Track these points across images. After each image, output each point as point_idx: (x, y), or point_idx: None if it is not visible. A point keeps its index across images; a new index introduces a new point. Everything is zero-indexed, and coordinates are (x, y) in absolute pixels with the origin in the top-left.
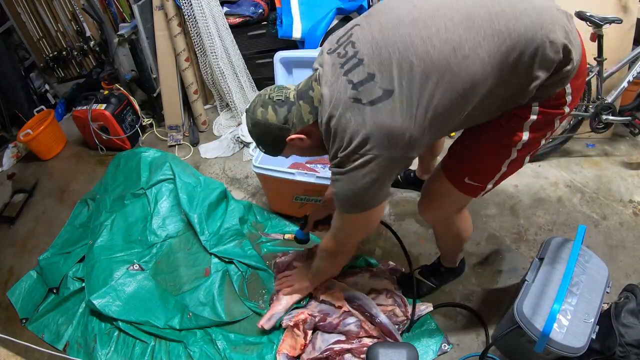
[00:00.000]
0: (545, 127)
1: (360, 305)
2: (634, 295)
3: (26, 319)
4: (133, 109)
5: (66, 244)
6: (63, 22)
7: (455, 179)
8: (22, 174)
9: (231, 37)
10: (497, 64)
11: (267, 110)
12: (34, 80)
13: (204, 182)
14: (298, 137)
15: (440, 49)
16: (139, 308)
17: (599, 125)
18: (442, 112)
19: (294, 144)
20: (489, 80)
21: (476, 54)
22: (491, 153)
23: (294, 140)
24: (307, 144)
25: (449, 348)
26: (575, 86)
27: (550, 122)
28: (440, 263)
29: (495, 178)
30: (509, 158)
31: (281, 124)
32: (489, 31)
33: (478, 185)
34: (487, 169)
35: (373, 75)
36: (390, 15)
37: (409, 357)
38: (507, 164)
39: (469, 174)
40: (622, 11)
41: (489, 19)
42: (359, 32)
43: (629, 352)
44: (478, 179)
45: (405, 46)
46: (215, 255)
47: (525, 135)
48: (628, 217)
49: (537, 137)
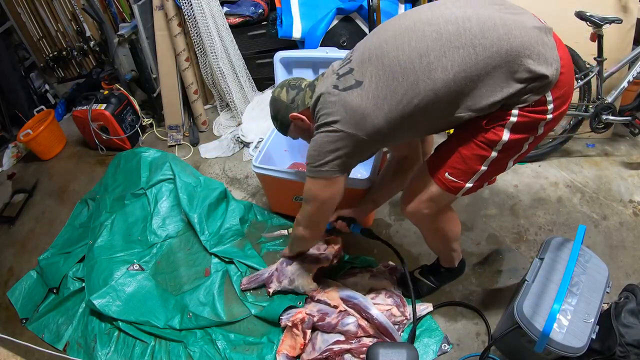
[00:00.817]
0: (527, 130)
1: (357, 305)
2: (634, 295)
3: (26, 319)
4: (133, 109)
5: (66, 244)
6: (63, 22)
7: (436, 173)
8: (22, 174)
9: (231, 37)
10: (459, 73)
11: (282, 90)
12: (34, 80)
13: (204, 182)
14: (299, 116)
15: (409, 54)
16: (139, 308)
17: (599, 125)
18: (407, 111)
19: (296, 123)
20: (452, 88)
21: (440, 62)
22: (470, 149)
23: (296, 119)
24: (307, 125)
25: (449, 348)
26: (558, 95)
27: (532, 126)
28: (440, 263)
29: (475, 177)
30: (489, 157)
31: (289, 103)
32: (455, 43)
33: (458, 182)
34: (465, 165)
35: (352, 69)
36: (382, 30)
37: (409, 357)
38: (487, 163)
39: (448, 169)
40: (622, 11)
41: (456, 33)
42: (360, 44)
43: (629, 352)
44: (457, 175)
45: (382, 51)
46: (215, 255)
47: (506, 135)
48: (628, 217)
49: (518, 139)
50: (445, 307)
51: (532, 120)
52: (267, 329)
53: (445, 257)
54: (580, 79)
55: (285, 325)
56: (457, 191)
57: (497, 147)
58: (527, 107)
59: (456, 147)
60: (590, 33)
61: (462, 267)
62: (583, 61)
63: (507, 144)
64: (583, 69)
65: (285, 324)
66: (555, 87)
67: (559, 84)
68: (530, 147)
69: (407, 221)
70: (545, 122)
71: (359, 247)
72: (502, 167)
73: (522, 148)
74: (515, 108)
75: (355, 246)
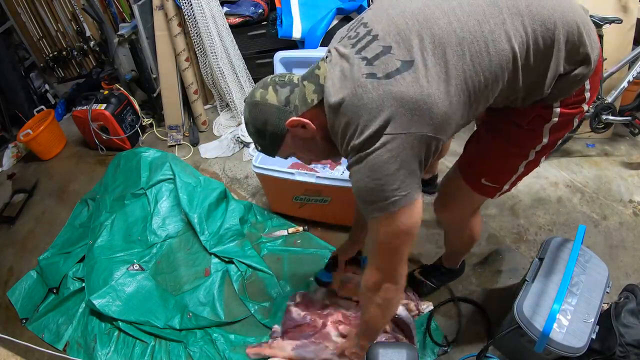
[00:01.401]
0: (564, 128)
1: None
2: (634, 295)
3: (26, 319)
4: (133, 109)
5: (66, 244)
6: (63, 22)
7: (472, 179)
8: (22, 174)
9: (231, 37)
10: (522, 44)
11: (267, 91)
12: (34, 80)
13: (204, 182)
14: (300, 121)
15: (465, 21)
16: (139, 308)
17: (599, 125)
18: (472, 88)
19: (296, 134)
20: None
21: (501, 29)
22: (508, 154)
23: (295, 128)
24: (311, 134)
25: (449, 348)
26: (594, 83)
27: (569, 122)
28: (442, 263)
29: (512, 179)
30: (527, 159)
31: (282, 106)
32: (513, 10)
33: (495, 186)
34: (504, 170)
35: (390, 47)
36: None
37: (409, 357)
38: (524, 165)
39: (485, 175)
40: (622, 11)
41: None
42: (370, 15)
43: (629, 352)
44: (495, 180)
45: (425, 17)
46: (215, 255)
47: (546, 139)
48: (628, 217)
49: (556, 138)
50: (445, 307)
51: (570, 116)
52: (267, 329)
53: (456, 258)
54: None
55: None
56: (494, 194)
57: (536, 149)
58: (567, 101)
59: (492, 152)
60: None
61: (462, 268)
62: None
63: (546, 145)
64: None
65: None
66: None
67: (596, 69)
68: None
69: None
70: (580, 114)
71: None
72: (536, 164)
73: (555, 145)
74: (557, 105)
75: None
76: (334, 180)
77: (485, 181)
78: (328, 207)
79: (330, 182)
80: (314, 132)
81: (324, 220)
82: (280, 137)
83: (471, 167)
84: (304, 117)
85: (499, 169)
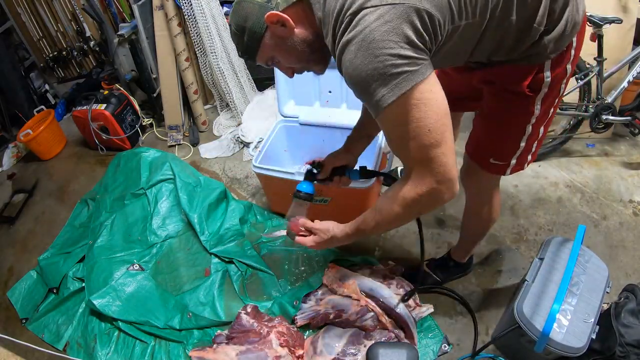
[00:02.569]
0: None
1: (376, 297)
2: (634, 295)
3: (26, 319)
4: (133, 109)
5: (66, 244)
6: (63, 22)
7: (481, 161)
8: (22, 174)
9: None
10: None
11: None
12: (34, 80)
13: (204, 182)
14: (279, 16)
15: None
16: (138, 308)
17: (599, 125)
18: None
19: (275, 32)
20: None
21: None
22: (508, 131)
23: (274, 25)
24: (290, 32)
25: (449, 348)
26: (579, 41)
27: (556, 87)
28: (450, 257)
29: (517, 154)
30: (525, 134)
31: (264, 2)
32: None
33: (502, 163)
34: (506, 147)
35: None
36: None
37: (409, 357)
38: (524, 140)
39: (492, 155)
40: (622, 11)
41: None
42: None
43: (629, 352)
44: (500, 158)
45: None
46: (215, 255)
47: (537, 110)
48: (628, 217)
49: (547, 107)
50: (445, 307)
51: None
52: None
53: (465, 246)
54: (580, 79)
55: (300, 324)
56: (504, 171)
57: (531, 122)
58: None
59: (492, 132)
60: (590, 33)
61: (469, 265)
62: (583, 61)
63: (539, 116)
64: (583, 69)
65: (300, 323)
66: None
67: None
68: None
69: None
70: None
71: (360, 248)
72: (536, 135)
73: (549, 114)
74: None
75: (356, 247)
76: None
77: (493, 160)
78: (328, 207)
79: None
80: (293, 30)
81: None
82: (260, 34)
83: (477, 150)
84: (285, 14)
85: (501, 147)
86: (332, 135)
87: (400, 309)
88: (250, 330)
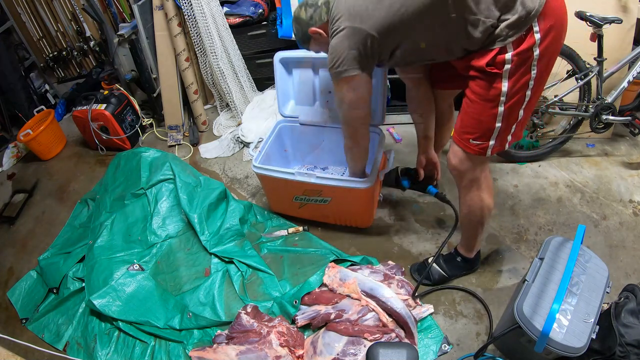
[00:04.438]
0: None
1: (376, 297)
2: (634, 295)
3: (26, 319)
4: (133, 109)
5: (66, 244)
6: (63, 22)
7: (462, 142)
8: (22, 174)
9: (231, 37)
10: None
11: (301, 10)
12: (34, 80)
13: (204, 182)
14: (316, 30)
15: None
16: (139, 308)
17: (599, 125)
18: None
19: (315, 38)
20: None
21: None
22: (480, 111)
23: (314, 34)
24: (324, 39)
25: (449, 348)
26: (544, 27)
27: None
28: (458, 252)
29: (494, 134)
30: (498, 113)
31: (307, 20)
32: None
33: (482, 143)
34: (482, 126)
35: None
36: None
37: (409, 357)
38: (499, 119)
39: (470, 135)
40: (622, 11)
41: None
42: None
43: (629, 352)
44: (479, 138)
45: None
46: (215, 255)
47: (505, 86)
48: (628, 217)
49: (516, 85)
50: (445, 307)
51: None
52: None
53: (469, 238)
54: (580, 79)
55: (301, 324)
56: (485, 152)
57: (502, 100)
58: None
59: (469, 113)
60: (590, 33)
61: (476, 261)
62: (583, 61)
63: (509, 94)
64: (583, 69)
65: (301, 323)
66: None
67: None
68: (534, 95)
69: (407, 221)
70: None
71: (360, 248)
72: (515, 117)
73: (525, 96)
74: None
75: (356, 246)
76: (334, 180)
77: (473, 140)
78: (328, 207)
79: (330, 182)
80: (326, 37)
81: (324, 220)
82: (308, 39)
83: (458, 131)
84: (320, 29)
85: (478, 127)
86: (332, 135)
87: (400, 309)
88: (250, 330)
